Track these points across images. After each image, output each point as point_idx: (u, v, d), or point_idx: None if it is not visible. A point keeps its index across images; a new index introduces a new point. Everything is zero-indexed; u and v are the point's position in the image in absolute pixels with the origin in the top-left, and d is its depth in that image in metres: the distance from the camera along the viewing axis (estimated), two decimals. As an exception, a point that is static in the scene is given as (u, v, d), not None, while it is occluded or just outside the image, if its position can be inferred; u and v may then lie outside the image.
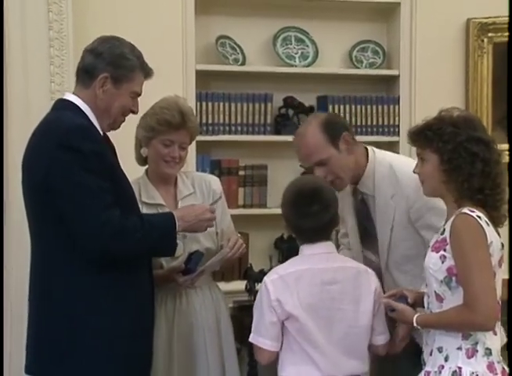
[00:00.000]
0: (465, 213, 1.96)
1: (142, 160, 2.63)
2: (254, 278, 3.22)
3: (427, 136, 2.04)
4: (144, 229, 2.10)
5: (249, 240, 3.45)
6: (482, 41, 3.84)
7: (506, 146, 3.74)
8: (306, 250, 2.22)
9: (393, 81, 3.87)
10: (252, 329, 2.21)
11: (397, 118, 3.78)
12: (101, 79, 2.15)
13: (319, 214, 2.17)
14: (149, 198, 2.55)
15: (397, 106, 3.79)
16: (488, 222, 1.97)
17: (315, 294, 2.14)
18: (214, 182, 2.69)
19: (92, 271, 2.08)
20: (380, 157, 2.45)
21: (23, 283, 2.24)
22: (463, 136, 2.00)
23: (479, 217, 1.95)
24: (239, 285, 3.28)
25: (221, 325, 2.60)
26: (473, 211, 1.96)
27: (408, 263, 2.39)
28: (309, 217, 2.17)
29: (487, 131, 2.08)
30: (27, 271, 2.21)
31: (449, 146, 2.00)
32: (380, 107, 3.75)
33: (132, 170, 2.44)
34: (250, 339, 2.20)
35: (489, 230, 1.96)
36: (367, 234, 2.52)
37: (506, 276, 2.57)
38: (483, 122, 3.79)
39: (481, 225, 1.94)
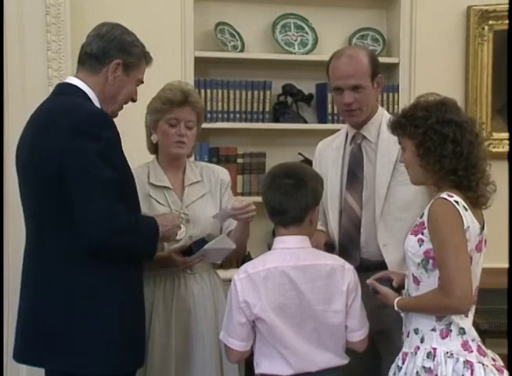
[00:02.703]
0: (443, 198, 1.98)
1: (153, 148, 2.63)
2: (252, 266, 3.21)
3: (401, 124, 2.08)
4: (139, 230, 2.11)
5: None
6: (483, 28, 3.82)
7: (506, 134, 3.76)
8: (278, 243, 2.16)
9: (392, 68, 3.85)
10: (223, 326, 2.18)
11: (396, 106, 3.76)
12: (114, 65, 2.15)
13: (290, 188, 2.10)
14: (158, 181, 2.56)
15: (396, 94, 3.78)
16: (467, 206, 1.99)
17: (284, 294, 2.08)
18: (222, 172, 2.69)
19: (89, 260, 2.06)
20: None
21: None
22: (434, 119, 2.01)
23: (457, 202, 1.97)
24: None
25: (219, 312, 2.56)
26: (451, 196, 1.98)
27: (404, 211, 2.41)
28: (279, 190, 2.11)
29: (462, 112, 2.07)
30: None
31: (420, 130, 2.02)
32: (379, 95, 3.73)
33: (132, 160, 2.41)
34: (221, 337, 2.17)
35: (466, 215, 1.97)
36: (354, 178, 2.52)
37: (505, 265, 2.58)
38: (482, 111, 3.83)
39: (458, 211, 1.96)
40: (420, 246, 2.00)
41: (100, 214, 2.01)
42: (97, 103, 2.16)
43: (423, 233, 2.00)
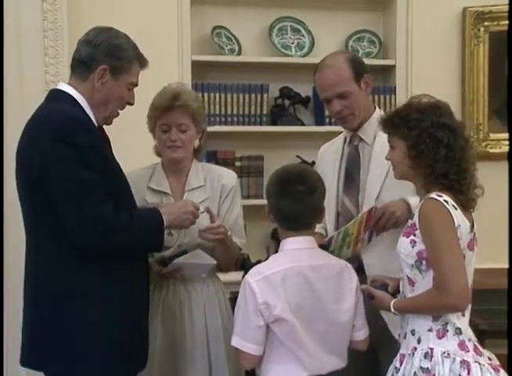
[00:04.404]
0: (432, 198, 2.00)
1: (157, 152, 2.60)
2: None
3: (394, 123, 2.08)
4: (134, 228, 2.09)
5: (246, 230, 3.43)
6: (478, 30, 3.83)
7: (502, 135, 3.78)
8: (287, 244, 2.12)
9: (389, 70, 3.86)
10: (235, 331, 2.08)
11: (393, 108, 3.75)
12: (100, 71, 2.13)
13: (303, 195, 2.07)
14: (157, 185, 2.54)
15: (393, 96, 3.79)
16: (456, 206, 2.00)
17: (301, 294, 2.05)
18: (228, 176, 2.60)
19: (89, 261, 2.06)
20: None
21: (20, 278, 2.23)
22: (428, 122, 2.02)
23: (446, 201, 1.99)
24: (237, 276, 3.26)
25: (211, 323, 2.50)
26: (440, 196, 2.00)
27: None
28: (292, 197, 2.07)
29: (454, 117, 2.09)
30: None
31: (414, 132, 2.03)
32: (376, 97, 3.74)
33: (129, 164, 2.40)
34: (233, 343, 2.08)
35: (456, 214, 1.99)
36: (350, 181, 2.52)
37: (505, 266, 2.59)
38: (479, 112, 3.84)
39: (448, 209, 1.98)
40: (413, 247, 2.01)
41: (84, 217, 2.01)
42: (87, 109, 2.15)
43: (415, 235, 2.01)
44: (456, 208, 2.00)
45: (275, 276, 2.05)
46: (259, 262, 3.22)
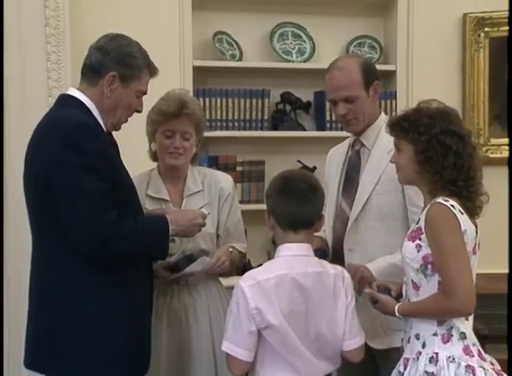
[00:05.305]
0: (439, 202, 2.00)
1: (154, 156, 2.61)
2: (252, 274, 3.20)
3: (403, 127, 2.09)
4: (138, 234, 2.10)
5: (247, 235, 3.44)
6: (479, 35, 3.85)
7: (503, 140, 3.79)
8: (282, 251, 2.10)
9: (390, 76, 3.87)
10: (226, 336, 2.06)
11: (394, 113, 3.77)
12: (109, 77, 2.15)
13: (305, 191, 2.08)
14: (155, 192, 2.54)
15: (394, 101, 3.80)
16: (462, 210, 2.01)
17: (293, 301, 2.04)
18: (224, 180, 2.62)
19: (94, 266, 2.08)
20: None
21: (21, 279, 2.24)
22: (438, 129, 2.03)
23: (453, 206, 1.99)
24: (238, 281, 3.27)
25: (215, 326, 2.51)
26: (447, 201, 2.00)
27: (377, 221, 2.43)
28: (295, 193, 2.08)
29: (463, 124, 2.11)
30: (25, 266, 2.22)
31: (424, 137, 2.03)
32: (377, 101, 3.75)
33: (135, 167, 2.42)
34: (224, 348, 2.06)
35: (463, 219, 2.00)
36: (349, 184, 2.54)
37: (506, 271, 2.59)
38: (479, 117, 3.86)
39: (455, 214, 1.98)
40: (418, 251, 2.01)
41: (86, 225, 2.02)
42: (97, 115, 2.16)
43: (420, 239, 2.02)
44: (462, 213, 2.00)
45: (269, 283, 2.03)
46: (260, 266, 3.22)
